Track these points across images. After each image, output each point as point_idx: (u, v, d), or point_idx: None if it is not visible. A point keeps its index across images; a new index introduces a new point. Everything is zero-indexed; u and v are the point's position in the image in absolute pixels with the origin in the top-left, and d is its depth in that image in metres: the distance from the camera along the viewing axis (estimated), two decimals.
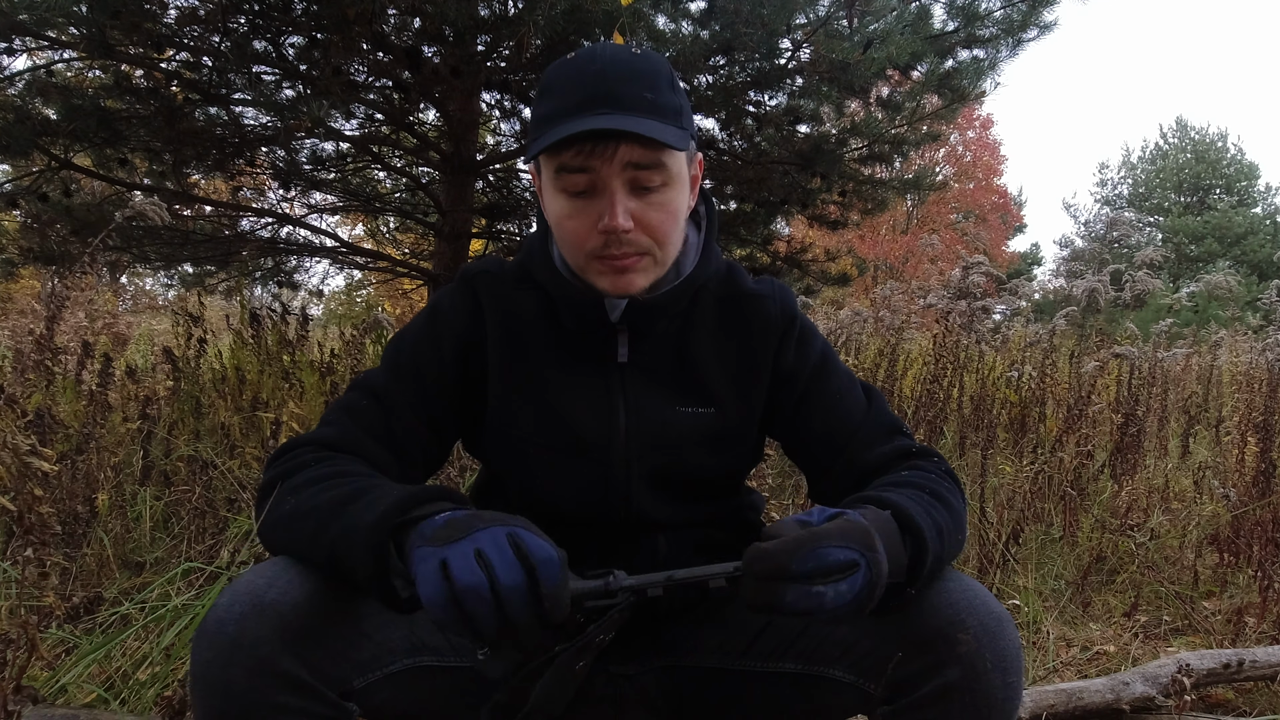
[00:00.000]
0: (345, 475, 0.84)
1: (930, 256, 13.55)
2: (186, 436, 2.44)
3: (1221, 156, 27.15)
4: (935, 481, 0.90)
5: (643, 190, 0.87)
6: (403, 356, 0.98)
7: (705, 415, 0.98)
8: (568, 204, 0.88)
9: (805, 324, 1.04)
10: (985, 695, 0.77)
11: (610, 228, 0.86)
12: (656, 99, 0.87)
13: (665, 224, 0.90)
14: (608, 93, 0.85)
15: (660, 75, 0.88)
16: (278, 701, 0.73)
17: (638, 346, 0.98)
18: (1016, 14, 3.53)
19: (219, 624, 0.73)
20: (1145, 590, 2.29)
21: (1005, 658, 0.78)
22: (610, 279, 0.91)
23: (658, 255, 0.91)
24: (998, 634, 0.78)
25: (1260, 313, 5.81)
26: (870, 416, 1.00)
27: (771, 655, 0.93)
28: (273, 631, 0.73)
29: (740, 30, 3.05)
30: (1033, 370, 3.50)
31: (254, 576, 0.77)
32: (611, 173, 0.85)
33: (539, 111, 0.89)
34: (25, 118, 2.90)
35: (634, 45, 0.89)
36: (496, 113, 4.47)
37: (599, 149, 0.84)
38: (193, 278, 4.76)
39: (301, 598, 0.76)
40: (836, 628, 0.88)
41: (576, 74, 0.87)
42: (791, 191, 4.06)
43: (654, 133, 0.83)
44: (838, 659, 0.88)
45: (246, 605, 0.74)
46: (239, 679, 0.71)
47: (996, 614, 0.79)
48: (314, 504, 0.80)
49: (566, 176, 0.87)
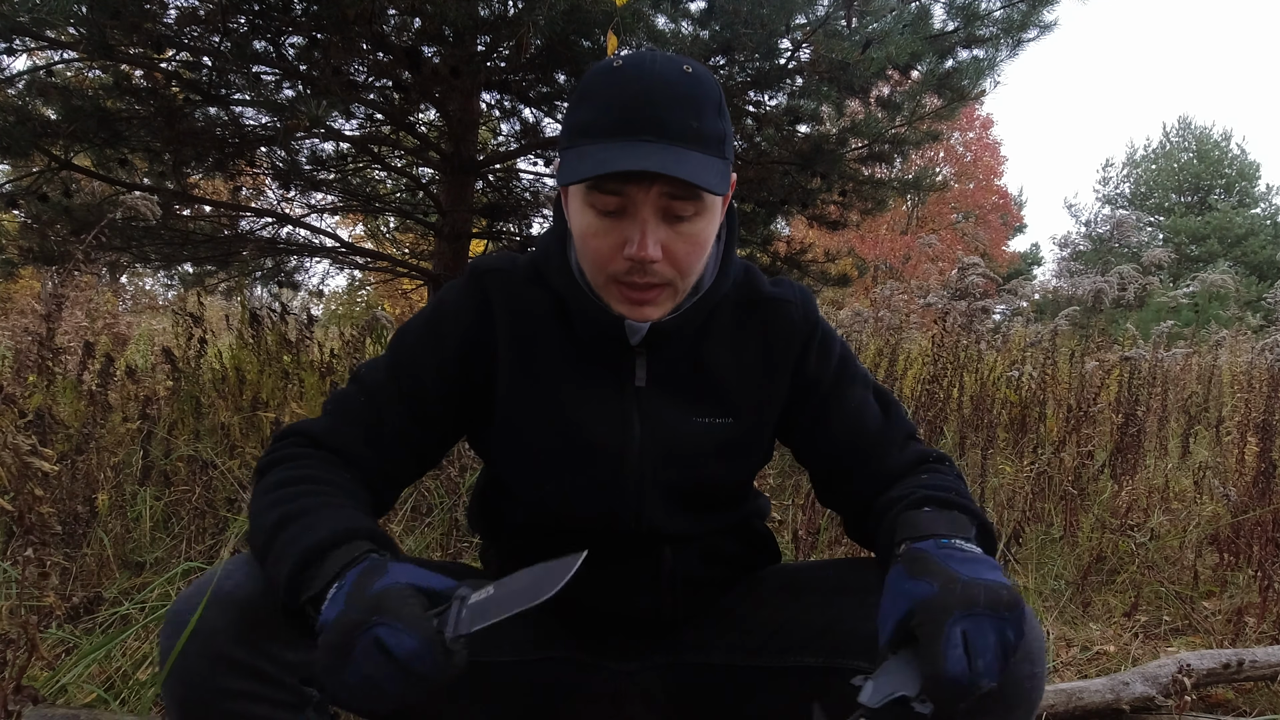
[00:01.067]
0: (299, 489, 0.84)
1: (930, 256, 13.55)
2: (186, 436, 2.44)
3: (1224, 156, 27.11)
4: (955, 483, 0.91)
5: (675, 220, 0.85)
6: (403, 353, 0.96)
7: (723, 425, 0.96)
8: (595, 222, 0.85)
9: (826, 329, 1.02)
10: (1014, 686, 0.78)
11: (639, 257, 0.83)
12: (701, 127, 0.83)
13: (692, 256, 0.87)
14: (651, 118, 0.81)
15: (708, 100, 0.84)
16: (233, 688, 0.76)
17: (654, 364, 0.95)
18: (1016, 14, 3.53)
19: (177, 614, 0.77)
20: (1145, 590, 2.29)
21: (1032, 650, 0.79)
22: (628, 308, 0.89)
23: (679, 286, 0.89)
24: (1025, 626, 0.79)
25: (1261, 313, 5.82)
26: (889, 424, 1.00)
27: (790, 650, 0.93)
28: (228, 621, 0.77)
29: (740, 30, 3.05)
30: (1033, 370, 3.50)
31: (217, 569, 0.81)
32: (646, 200, 0.82)
33: (575, 118, 0.86)
34: (25, 118, 2.90)
35: (685, 64, 0.85)
36: (496, 113, 4.47)
37: (637, 179, 0.81)
38: (192, 278, 4.76)
39: (257, 590, 0.79)
40: (865, 622, 0.86)
41: (620, 88, 0.83)
42: (791, 191, 4.06)
43: (695, 176, 0.80)
44: (863, 652, 0.86)
45: (205, 596, 0.77)
46: (195, 666, 0.75)
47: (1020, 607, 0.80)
48: (264, 517, 0.83)
49: (598, 196, 0.84)
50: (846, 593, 0.93)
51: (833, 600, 0.93)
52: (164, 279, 5.10)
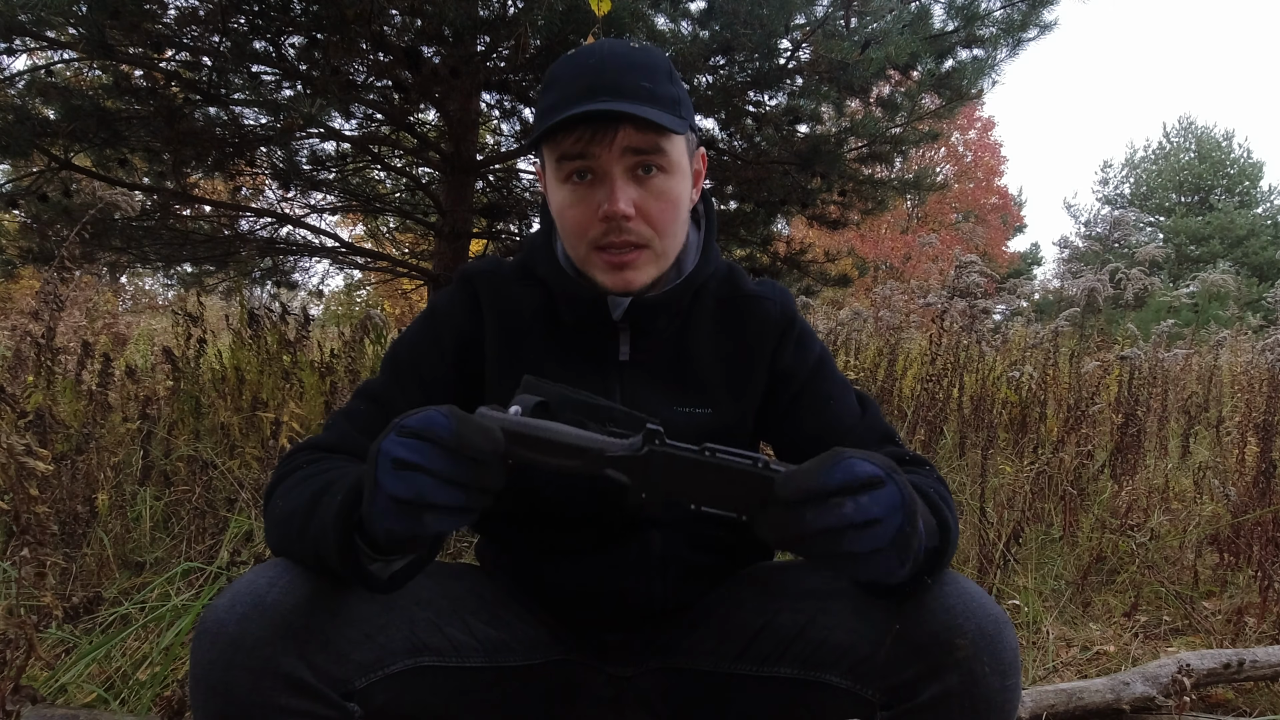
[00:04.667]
0: (325, 470, 0.84)
1: (930, 256, 13.55)
2: (186, 436, 2.44)
3: (1225, 156, 27.08)
4: (935, 485, 0.89)
5: (645, 173, 0.88)
6: (401, 357, 0.98)
7: (703, 415, 0.98)
8: (570, 193, 0.89)
9: (804, 327, 1.04)
10: (984, 700, 0.77)
11: (611, 213, 0.87)
12: (655, 89, 0.88)
13: (666, 213, 0.90)
14: (607, 82, 0.86)
15: (659, 68, 0.90)
16: (280, 703, 0.72)
17: (638, 345, 0.98)
18: (1016, 14, 3.53)
19: (219, 624, 0.72)
20: (1145, 590, 2.29)
21: (1003, 661, 0.77)
22: (611, 275, 0.91)
23: (657, 247, 0.91)
24: (995, 638, 0.78)
25: (1261, 313, 5.82)
26: (864, 422, 1.00)
27: (767, 659, 0.92)
28: (274, 632, 0.73)
29: (739, 30, 3.05)
30: (1033, 370, 3.50)
31: (254, 577, 0.77)
32: (611, 159, 0.86)
33: (542, 104, 0.90)
34: (25, 118, 2.90)
35: (632, 40, 0.91)
36: (496, 113, 4.46)
37: (598, 135, 0.85)
38: (192, 277, 4.76)
39: (302, 598, 0.76)
40: (833, 631, 0.87)
41: (577, 66, 0.88)
42: (791, 191, 4.05)
43: (651, 116, 0.84)
44: (834, 664, 0.86)
45: (248, 605, 0.73)
46: (241, 680, 0.71)
47: (994, 617, 0.79)
48: (296, 504, 0.81)
49: (567, 164, 0.88)
50: (815, 597, 0.92)
51: (801, 605, 0.92)
52: (163, 279, 5.10)
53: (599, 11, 1.66)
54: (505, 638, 0.94)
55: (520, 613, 0.98)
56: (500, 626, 0.95)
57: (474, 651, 0.90)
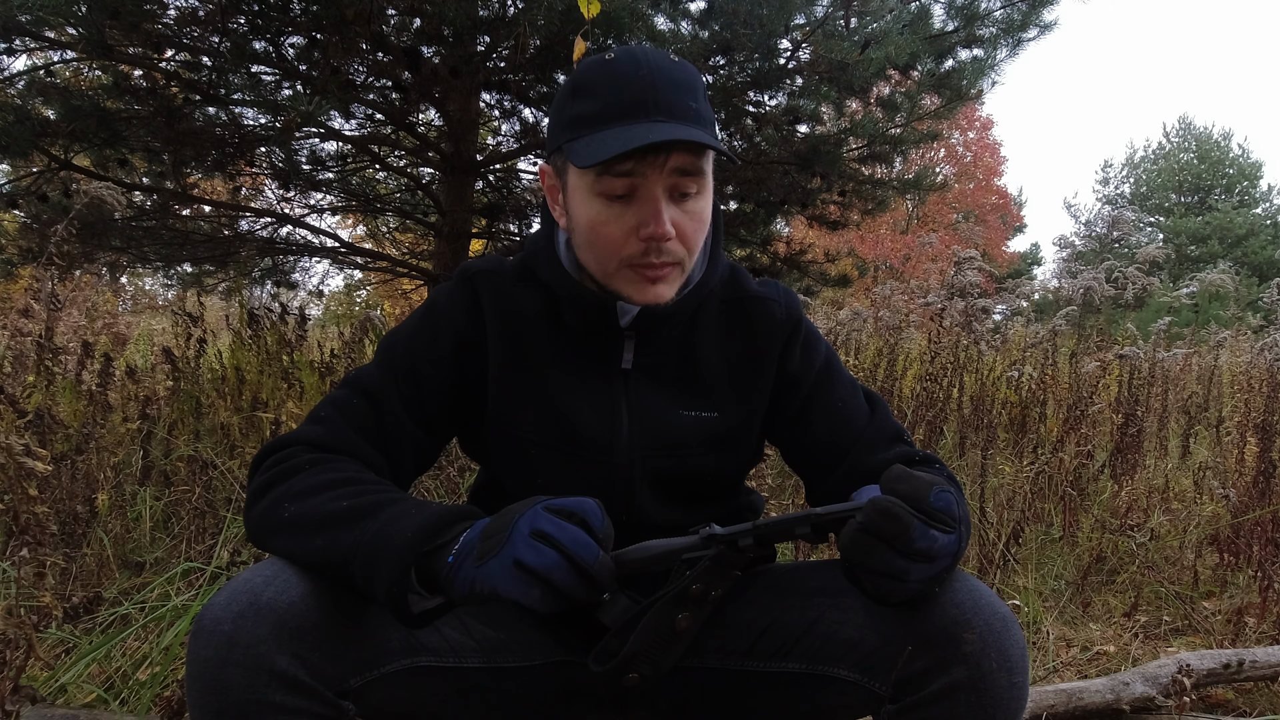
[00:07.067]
0: (352, 483, 0.83)
1: (930, 256, 13.55)
2: (186, 436, 2.44)
3: (1224, 156, 27.08)
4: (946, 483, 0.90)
5: (681, 198, 0.88)
6: (398, 354, 0.96)
7: (708, 419, 0.98)
8: (604, 209, 0.87)
9: (809, 328, 1.04)
10: (991, 695, 0.77)
11: (657, 235, 0.86)
12: (700, 108, 0.88)
13: (699, 234, 0.91)
14: (658, 100, 0.85)
15: (698, 86, 0.89)
16: (274, 700, 0.72)
17: (643, 350, 0.97)
18: (1016, 14, 3.53)
19: (215, 622, 0.73)
20: (1145, 590, 2.29)
21: (1011, 657, 0.78)
22: (642, 289, 0.90)
23: (686, 265, 0.92)
24: (1003, 633, 0.78)
25: (1261, 313, 5.82)
26: (874, 423, 1.00)
27: (775, 655, 0.92)
28: (270, 630, 0.73)
29: (739, 30, 3.05)
30: (1033, 370, 3.49)
31: (251, 575, 0.77)
32: (658, 179, 0.85)
33: (576, 110, 0.87)
34: (25, 118, 2.90)
35: (671, 55, 0.90)
36: (496, 113, 4.47)
37: (649, 155, 0.84)
38: (191, 277, 4.76)
39: (298, 597, 0.76)
40: (842, 626, 0.87)
41: (620, 77, 0.86)
42: (791, 191, 4.06)
43: (703, 140, 0.84)
44: (842, 658, 0.87)
45: (244, 603, 0.73)
46: (235, 677, 0.71)
47: (1001, 614, 0.79)
48: (326, 513, 0.79)
49: (609, 180, 0.86)
50: (826, 594, 0.92)
51: (811, 602, 0.92)
52: (163, 279, 5.10)
53: (588, 14, 1.66)
54: (504, 638, 0.94)
55: (520, 613, 0.97)
56: (499, 627, 0.94)
57: (471, 652, 0.90)
